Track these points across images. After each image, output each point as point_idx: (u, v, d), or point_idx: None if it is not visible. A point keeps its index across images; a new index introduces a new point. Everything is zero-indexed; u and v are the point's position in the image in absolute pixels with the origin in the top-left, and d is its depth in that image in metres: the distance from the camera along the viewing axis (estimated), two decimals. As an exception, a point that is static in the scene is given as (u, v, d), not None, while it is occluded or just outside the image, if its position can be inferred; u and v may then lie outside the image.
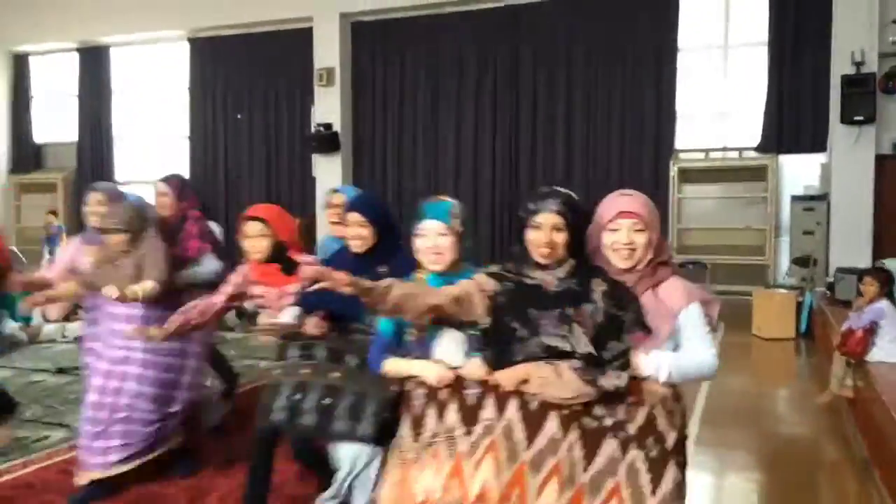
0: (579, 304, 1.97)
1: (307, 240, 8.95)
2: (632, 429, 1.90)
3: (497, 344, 2.02)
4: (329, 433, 2.46)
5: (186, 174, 12.07)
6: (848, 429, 4.53)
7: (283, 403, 2.52)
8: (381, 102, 11.09)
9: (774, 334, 7.09)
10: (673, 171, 9.57)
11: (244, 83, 11.74)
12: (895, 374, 4.33)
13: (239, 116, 11.82)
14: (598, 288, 2.00)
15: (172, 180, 3.96)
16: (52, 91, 13.28)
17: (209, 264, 3.79)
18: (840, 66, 8.41)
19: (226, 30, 11.61)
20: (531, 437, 1.92)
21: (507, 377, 1.94)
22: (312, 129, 11.01)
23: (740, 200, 9.50)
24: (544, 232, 2.01)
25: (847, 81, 8.29)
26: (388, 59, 11.00)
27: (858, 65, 8.25)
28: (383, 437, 2.23)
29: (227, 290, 3.24)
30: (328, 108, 10.91)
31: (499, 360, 1.99)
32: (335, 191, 3.93)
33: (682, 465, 1.94)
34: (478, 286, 2.07)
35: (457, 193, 10.64)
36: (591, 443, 1.90)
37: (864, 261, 7.57)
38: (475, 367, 2.02)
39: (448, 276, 2.27)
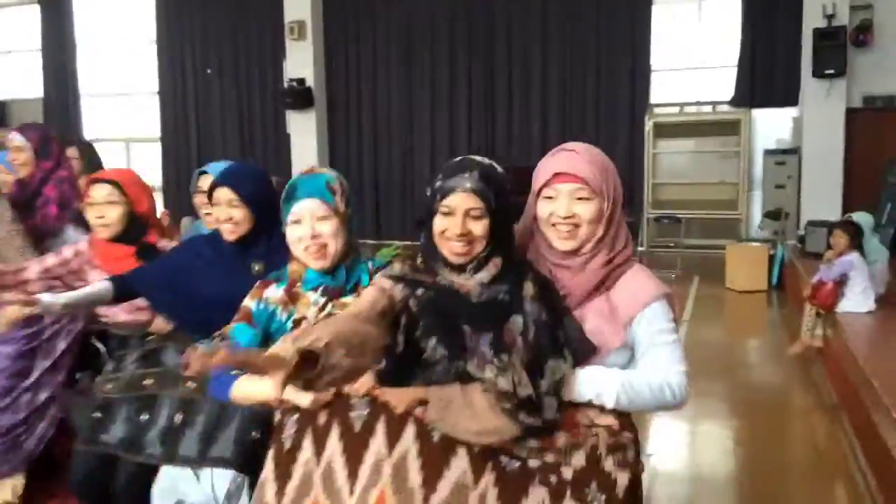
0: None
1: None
2: (567, 473, 1.41)
3: (396, 363, 1.48)
4: (176, 459, 1.97)
5: (158, 131, 11.91)
6: (817, 377, 4.69)
7: (121, 430, 2.06)
8: (354, 56, 10.91)
9: (747, 287, 7.25)
10: (648, 125, 9.62)
11: (213, 36, 11.46)
12: (863, 324, 4.49)
13: (209, 71, 11.57)
14: (528, 292, 1.48)
15: (31, 131, 3.15)
16: (13, 46, 12.87)
17: (71, 239, 2.92)
18: (812, 19, 8.45)
19: (194, -19, 11.30)
20: (431, 483, 1.36)
21: (398, 396, 1.41)
22: (285, 85, 10.84)
23: (714, 155, 9.60)
24: (457, 220, 1.46)
25: (819, 34, 8.34)
26: (360, 11, 10.79)
27: (830, 17, 8.30)
28: (249, 462, 1.80)
29: (44, 263, 2.49)
30: (301, 62, 10.71)
31: (394, 380, 1.46)
32: (203, 172, 2.77)
33: None
34: (382, 292, 1.50)
35: (433, 149, 10.62)
36: (513, 491, 1.39)
37: (834, 213, 7.72)
38: (362, 379, 1.45)
39: (334, 274, 1.75)
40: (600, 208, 1.51)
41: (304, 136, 10.77)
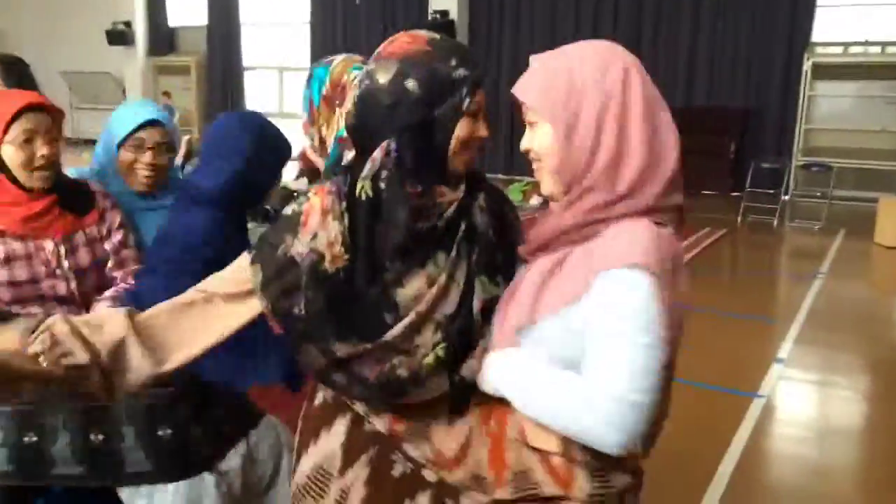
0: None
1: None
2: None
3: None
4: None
5: (307, 61, 12.44)
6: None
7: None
8: (499, -10, 10.88)
9: (897, 243, 6.81)
10: (807, 65, 9.02)
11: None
12: None
13: (358, 2, 11.87)
14: (480, 202, 1.14)
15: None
16: (182, -25, 13.73)
17: None
18: None
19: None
20: None
21: None
22: (429, 17, 10.97)
23: (879, 100, 8.89)
24: (481, 121, 1.09)
25: None
26: (508, -57, 10.69)
27: None
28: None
29: None
30: (446, -7, 10.83)
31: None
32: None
33: None
34: None
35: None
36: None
37: None
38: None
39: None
40: (561, 137, 1.03)
41: (445, 68, 10.93)
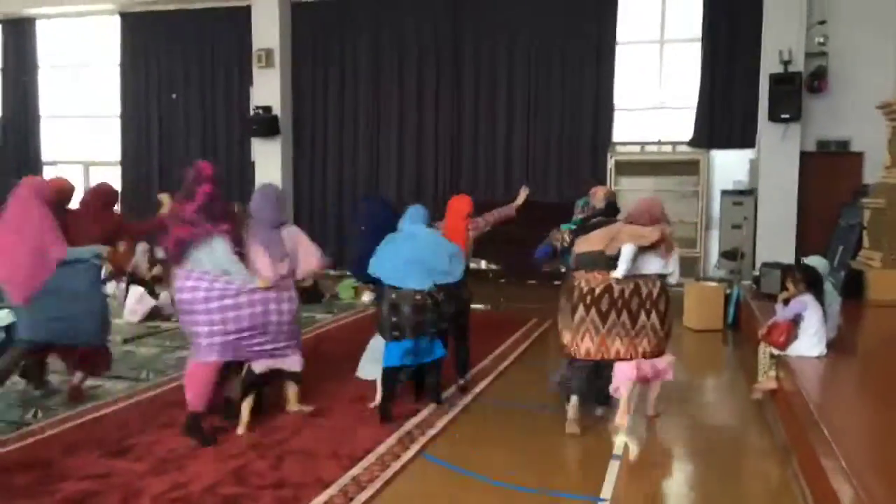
0: None
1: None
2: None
3: None
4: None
5: (118, 155, 11.74)
6: (771, 418, 4.75)
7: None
8: (321, 84, 10.96)
9: (704, 326, 7.33)
10: (610, 163, 9.77)
11: (179, 62, 11.42)
12: (814, 369, 4.57)
13: (174, 96, 11.49)
14: None
15: None
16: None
17: None
18: (769, 65, 8.73)
19: (160, 4, 11.25)
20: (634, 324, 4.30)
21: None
22: (251, 112, 10.80)
23: (673, 194, 9.78)
24: None
25: (775, 80, 8.62)
26: (328, 39, 10.86)
27: (786, 64, 8.57)
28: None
29: None
30: (267, 90, 10.72)
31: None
32: None
33: None
34: None
35: (399, 177, 10.62)
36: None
37: (788, 255, 7.90)
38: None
39: None
40: None
41: (269, 163, 10.73)
